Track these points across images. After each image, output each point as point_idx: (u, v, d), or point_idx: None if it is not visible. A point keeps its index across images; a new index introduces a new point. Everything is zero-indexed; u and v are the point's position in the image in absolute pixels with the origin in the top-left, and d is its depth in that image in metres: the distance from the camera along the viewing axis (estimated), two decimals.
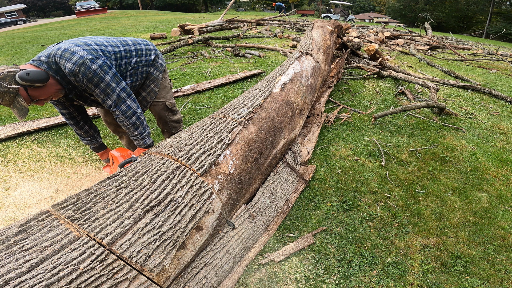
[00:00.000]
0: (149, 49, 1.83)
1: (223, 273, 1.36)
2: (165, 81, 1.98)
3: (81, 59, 1.40)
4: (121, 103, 1.59)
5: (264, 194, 1.75)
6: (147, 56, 1.81)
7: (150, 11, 26.07)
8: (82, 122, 1.83)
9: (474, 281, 1.49)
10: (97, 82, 1.47)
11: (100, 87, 1.50)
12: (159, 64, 1.89)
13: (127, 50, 1.68)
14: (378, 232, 1.77)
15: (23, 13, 31.87)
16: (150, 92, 1.91)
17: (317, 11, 34.00)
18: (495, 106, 3.80)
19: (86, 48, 1.46)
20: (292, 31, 9.31)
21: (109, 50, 1.57)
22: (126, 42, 1.72)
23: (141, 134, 1.72)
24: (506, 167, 2.46)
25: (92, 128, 1.90)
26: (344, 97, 3.75)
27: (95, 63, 1.44)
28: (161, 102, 1.97)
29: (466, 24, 31.02)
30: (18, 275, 0.85)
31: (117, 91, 1.55)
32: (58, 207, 1.10)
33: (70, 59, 1.39)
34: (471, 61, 6.68)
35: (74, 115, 1.79)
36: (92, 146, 1.95)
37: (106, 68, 1.49)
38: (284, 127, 2.01)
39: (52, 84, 1.44)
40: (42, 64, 1.41)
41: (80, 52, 1.42)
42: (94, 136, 1.92)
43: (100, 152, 2.00)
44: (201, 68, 4.64)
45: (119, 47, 1.64)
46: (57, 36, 9.30)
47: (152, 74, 1.87)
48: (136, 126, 1.69)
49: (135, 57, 1.73)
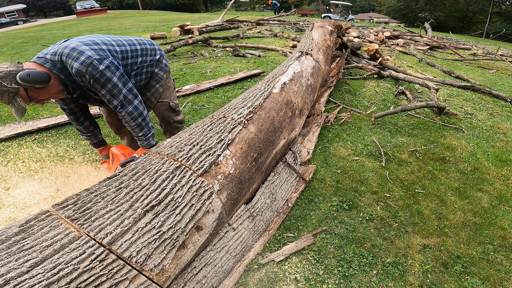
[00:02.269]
0: (154, 49, 1.82)
1: (223, 273, 1.36)
2: (169, 82, 1.97)
3: (89, 59, 1.38)
4: (128, 104, 1.58)
5: (264, 194, 1.75)
6: (152, 56, 1.80)
7: (150, 11, 26.07)
8: (83, 117, 1.82)
9: (474, 281, 1.49)
10: (103, 82, 1.46)
11: (106, 88, 1.48)
12: (164, 64, 1.88)
13: (133, 50, 1.67)
14: (378, 232, 1.77)
15: (23, 13, 31.88)
16: (155, 92, 1.90)
17: (317, 11, 34.00)
18: (495, 106, 3.80)
19: (94, 47, 1.44)
20: (292, 31, 9.31)
21: (116, 49, 1.55)
22: (132, 41, 1.70)
23: (146, 135, 1.72)
24: (506, 167, 2.46)
25: (92, 124, 1.89)
26: (344, 97, 3.75)
27: (103, 64, 1.42)
28: (165, 103, 1.97)
29: (466, 24, 31.02)
30: (18, 274, 0.85)
31: (123, 92, 1.54)
32: (58, 207, 1.10)
33: (78, 58, 1.37)
34: (471, 61, 6.68)
35: (75, 110, 1.78)
36: (91, 142, 1.94)
37: (114, 69, 1.47)
38: (284, 127, 2.01)
39: (54, 85, 1.42)
40: (47, 62, 1.38)
41: (88, 51, 1.39)
42: (94, 132, 1.91)
43: (99, 148, 1.99)
44: (201, 68, 4.64)
45: (125, 47, 1.62)
46: (57, 36, 9.30)
47: (157, 74, 1.86)
48: (142, 127, 1.69)
49: (140, 56, 1.72)
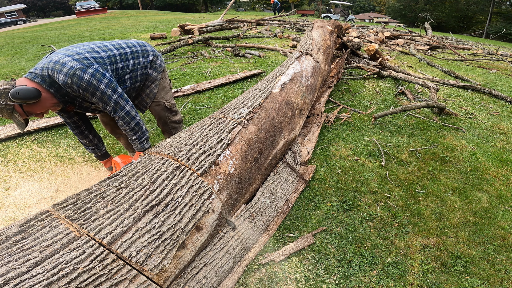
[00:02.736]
0: (145, 50, 1.82)
1: (223, 273, 1.36)
2: (164, 82, 1.98)
3: (72, 70, 1.39)
4: (120, 110, 1.59)
5: (264, 194, 1.75)
6: (145, 57, 1.81)
7: (150, 11, 26.08)
8: (87, 131, 1.87)
9: (474, 281, 1.49)
10: (92, 91, 1.47)
11: (96, 96, 1.50)
12: (158, 65, 1.89)
13: (122, 53, 1.67)
14: (378, 232, 1.77)
15: (23, 13, 31.87)
16: (149, 92, 1.91)
17: (317, 11, 34.00)
18: (495, 106, 3.80)
19: (76, 57, 1.44)
20: (292, 31, 9.31)
21: (102, 55, 1.55)
22: (120, 45, 1.70)
23: (140, 138, 1.74)
24: (506, 167, 2.46)
25: (96, 137, 1.94)
26: (344, 97, 3.75)
27: (87, 73, 1.43)
28: (160, 103, 1.98)
29: (466, 24, 31.02)
30: (18, 274, 0.85)
31: (114, 98, 1.55)
32: (58, 207, 1.10)
33: (61, 70, 1.38)
34: (471, 61, 6.68)
35: (79, 124, 1.82)
36: (96, 155, 1.99)
37: (99, 76, 1.47)
38: (284, 127, 2.01)
39: (47, 99, 1.44)
40: (36, 77, 1.41)
41: (70, 62, 1.40)
42: (98, 144, 1.96)
43: (104, 161, 2.04)
44: (201, 68, 4.64)
45: (112, 51, 1.62)
46: (57, 36, 9.30)
47: (151, 75, 1.87)
48: (135, 131, 1.71)
49: (132, 59, 1.72)
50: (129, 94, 1.81)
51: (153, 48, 1.89)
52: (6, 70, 5.04)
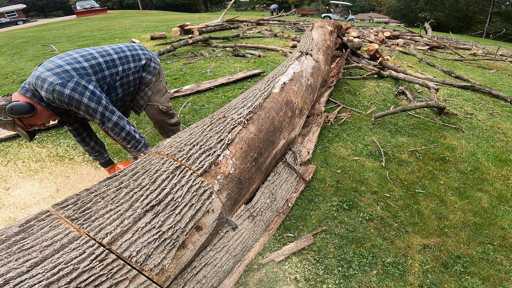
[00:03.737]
0: (136, 54, 1.75)
1: (223, 273, 1.36)
2: (159, 85, 1.93)
3: (51, 86, 1.36)
4: (107, 121, 1.56)
5: (264, 194, 1.75)
6: (136, 62, 1.74)
7: (150, 11, 26.08)
8: (88, 138, 1.86)
9: (474, 281, 1.49)
10: (76, 105, 1.44)
11: (81, 109, 1.47)
12: (152, 68, 1.83)
13: (109, 60, 1.60)
14: (378, 232, 1.77)
15: (23, 13, 31.89)
16: (144, 95, 1.87)
17: (317, 11, 34.01)
18: (495, 106, 3.80)
19: (56, 71, 1.39)
20: (292, 31, 9.31)
21: (84, 65, 1.49)
22: (107, 51, 1.63)
23: (136, 147, 1.71)
24: (506, 167, 2.46)
25: (98, 143, 1.92)
26: (344, 97, 3.75)
27: (67, 87, 1.38)
28: (155, 106, 1.94)
29: (466, 24, 31.02)
30: (18, 274, 0.85)
31: (99, 111, 1.51)
32: (58, 207, 1.10)
33: (42, 87, 1.37)
34: (471, 61, 6.68)
35: (80, 131, 1.81)
36: (99, 162, 1.98)
37: (81, 90, 1.42)
38: (284, 127, 2.01)
39: (43, 111, 1.45)
40: (28, 92, 1.41)
41: (50, 78, 1.37)
42: (100, 151, 1.94)
43: (107, 168, 2.02)
44: (201, 68, 4.64)
45: (97, 59, 1.55)
46: (57, 36, 9.30)
47: (144, 78, 1.82)
48: (128, 140, 1.68)
49: (120, 65, 1.65)
50: (124, 100, 1.79)
51: (146, 51, 1.82)
52: (6, 70, 5.04)
